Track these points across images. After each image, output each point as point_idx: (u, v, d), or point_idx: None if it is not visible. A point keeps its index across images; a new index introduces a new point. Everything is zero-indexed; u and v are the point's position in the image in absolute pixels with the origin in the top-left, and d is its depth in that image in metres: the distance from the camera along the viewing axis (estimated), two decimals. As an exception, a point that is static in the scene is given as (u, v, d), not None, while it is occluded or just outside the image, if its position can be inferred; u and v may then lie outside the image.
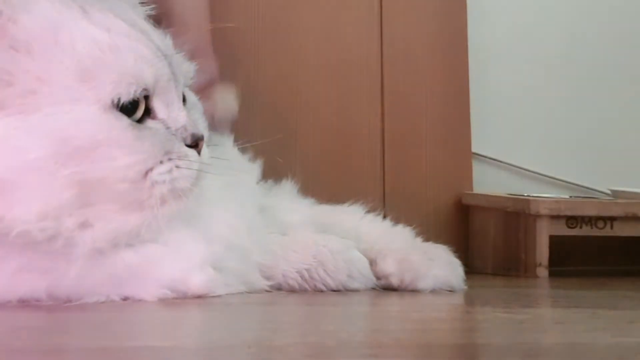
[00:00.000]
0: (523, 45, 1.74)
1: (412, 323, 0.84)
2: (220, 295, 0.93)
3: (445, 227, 1.58)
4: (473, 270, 1.49)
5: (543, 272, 1.46)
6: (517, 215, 1.50)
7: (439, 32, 1.62)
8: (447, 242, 1.18)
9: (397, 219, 1.22)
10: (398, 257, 1.10)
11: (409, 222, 1.20)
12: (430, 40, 1.62)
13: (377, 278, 1.09)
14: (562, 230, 1.48)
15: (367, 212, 1.22)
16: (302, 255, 1.04)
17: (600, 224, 1.50)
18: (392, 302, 1.02)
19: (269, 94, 1.51)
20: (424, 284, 1.09)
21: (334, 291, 1.04)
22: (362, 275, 1.06)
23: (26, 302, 0.83)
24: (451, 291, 1.10)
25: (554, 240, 1.47)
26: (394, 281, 1.10)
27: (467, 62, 1.64)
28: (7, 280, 0.83)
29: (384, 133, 1.58)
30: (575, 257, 1.63)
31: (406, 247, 1.13)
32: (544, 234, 1.47)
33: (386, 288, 1.10)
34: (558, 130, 1.75)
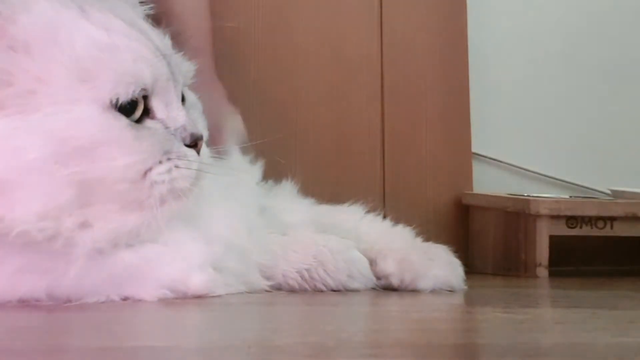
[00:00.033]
0: (523, 45, 1.74)
1: (412, 323, 0.84)
2: (220, 295, 0.93)
3: (445, 227, 1.58)
4: (473, 270, 1.49)
5: (543, 272, 1.46)
6: (517, 215, 1.50)
7: (439, 32, 1.62)
8: (447, 242, 1.18)
9: (397, 219, 1.22)
10: (398, 257, 1.10)
11: (409, 222, 1.20)
12: (430, 40, 1.62)
13: (377, 278, 1.09)
14: (562, 230, 1.48)
15: (367, 212, 1.22)
16: (302, 255, 1.04)
17: (600, 224, 1.50)
18: (392, 302, 1.02)
19: (268, 94, 1.51)
20: (424, 284, 1.09)
21: (334, 291, 1.04)
22: (362, 275, 1.06)
23: (26, 302, 0.83)
24: (451, 291, 1.10)
25: (554, 240, 1.47)
26: (394, 281, 1.10)
27: (467, 62, 1.64)
28: (7, 280, 0.83)
29: (384, 133, 1.58)
30: (575, 257, 1.63)
31: (406, 247, 1.13)
32: (544, 234, 1.47)
33: (386, 288, 1.10)
34: (558, 130, 1.75)
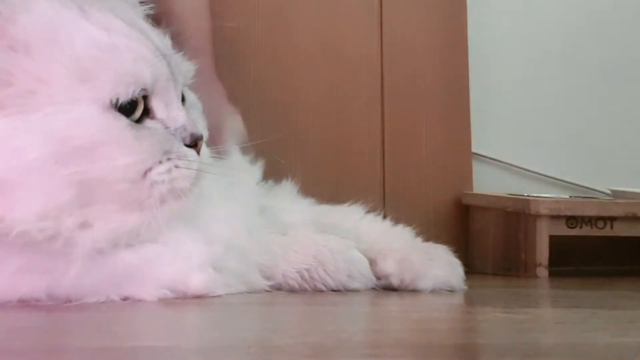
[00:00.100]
0: (523, 45, 1.74)
1: (412, 323, 0.84)
2: (220, 295, 0.93)
3: (445, 227, 1.58)
4: (473, 270, 1.49)
5: (543, 272, 1.46)
6: (517, 215, 1.50)
7: (439, 32, 1.62)
8: (447, 242, 1.18)
9: (397, 219, 1.21)
10: (398, 257, 1.10)
11: (409, 222, 1.20)
12: (430, 40, 1.62)
13: (377, 278, 1.09)
14: (562, 230, 1.48)
15: (367, 212, 1.22)
16: (302, 255, 1.04)
17: (600, 224, 1.50)
18: (392, 302, 1.02)
19: (268, 94, 1.51)
20: (424, 284, 1.09)
21: (334, 291, 1.04)
22: (362, 275, 1.06)
23: (26, 302, 0.83)
24: (451, 291, 1.10)
25: (554, 240, 1.47)
26: (394, 281, 1.10)
27: (467, 62, 1.64)
28: (7, 280, 0.83)
29: (384, 133, 1.58)
30: (575, 257, 1.63)
31: (406, 247, 1.13)
32: (544, 234, 1.47)
33: (386, 288, 1.10)
34: (558, 130, 1.75)
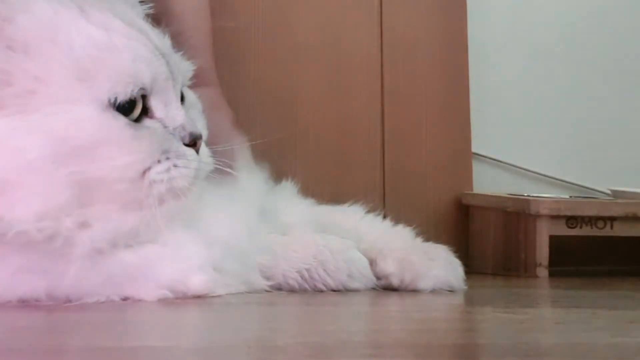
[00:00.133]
0: (523, 45, 1.74)
1: (412, 323, 0.84)
2: (220, 295, 0.93)
3: (445, 227, 1.58)
4: (473, 270, 1.49)
5: (543, 272, 1.46)
6: (517, 215, 1.50)
7: (439, 32, 1.62)
8: (447, 242, 1.18)
9: (397, 219, 1.21)
10: (398, 257, 1.10)
11: (409, 222, 1.20)
12: (430, 40, 1.62)
13: (377, 278, 1.09)
14: (562, 230, 1.48)
15: (367, 212, 1.22)
16: (302, 255, 1.04)
17: (600, 224, 1.50)
18: (392, 302, 1.02)
19: (268, 94, 1.51)
20: (424, 284, 1.09)
21: (334, 291, 1.04)
22: (362, 275, 1.06)
23: (26, 302, 0.83)
24: (451, 291, 1.10)
25: (554, 240, 1.47)
26: (394, 281, 1.09)
27: (467, 62, 1.64)
28: (7, 280, 0.83)
29: (384, 133, 1.58)
30: (575, 257, 1.63)
31: (406, 247, 1.13)
32: (544, 234, 1.47)
33: (386, 288, 1.09)
34: (558, 130, 1.75)
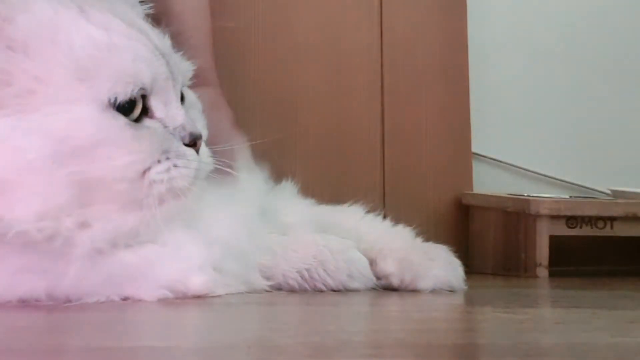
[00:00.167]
0: (523, 45, 1.74)
1: (412, 323, 0.84)
2: (220, 295, 0.93)
3: (445, 227, 1.58)
4: (473, 270, 1.49)
5: (543, 272, 1.46)
6: (517, 215, 1.50)
7: (439, 32, 1.62)
8: (447, 242, 1.18)
9: (397, 219, 1.21)
10: (398, 257, 1.10)
11: (409, 222, 1.20)
12: (430, 40, 1.62)
13: (378, 278, 1.09)
14: (562, 230, 1.48)
15: (367, 212, 1.22)
16: (302, 255, 1.04)
17: (600, 224, 1.50)
18: (392, 302, 1.02)
19: (268, 94, 1.51)
20: (424, 284, 1.09)
21: (334, 291, 1.04)
22: (362, 275, 1.06)
23: (26, 302, 0.83)
24: (451, 291, 1.10)
25: (554, 240, 1.47)
26: (394, 281, 1.09)
27: (467, 62, 1.64)
28: (7, 280, 0.83)
29: (384, 133, 1.58)
30: (575, 257, 1.63)
31: (406, 247, 1.13)
32: (544, 234, 1.47)
33: (386, 288, 1.09)
34: (558, 130, 1.75)
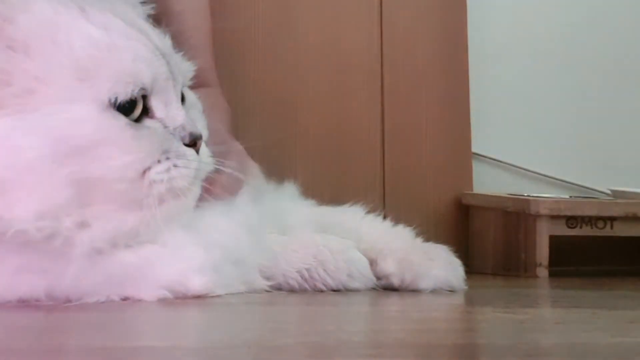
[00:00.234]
0: (523, 45, 1.74)
1: (412, 323, 0.84)
2: (220, 295, 0.93)
3: (445, 227, 1.58)
4: (473, 270, 1.49)
5: (543, 272, 1.46)
6: (517, 215, 1.50)
7: (439, 32, 1.62)
8: (447, 242, 1.18)
9: (397, 219, 1.21)
10: (398, 257, 1.10)
11: (409, 222, 1.20)
12: (430, 40, 1.62)
13: (378, 278, 1.09)
14: (562, 230, 1.48)
15: (367, 212, 1.22)
16: (302, 255, 1.04)
17: (600, 224, 1.50)
18: (392, 302, 1.02)
19: (268, 94, 1.51)
20: (424, 284, 1.09)
21: (334, 291, 1.04)
22: (362, 275, 1.06)
23: (26, 302, 0.83)
24: (451, 291, 1.10)
25: (554, 240, 1.47)
26: (395, 281, 1.09)
27: (467, 62, 1.64)
28: (7, 280, 0.83)
29: (384, 133, 1.58)
30: (575, 257, 1.63)
31: (406, 247, 1.13)
32: (544, 234, 1.47)
33: (386, 288, 1.09)
34: (558, 130, 1.75)
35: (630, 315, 0.96)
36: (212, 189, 0.94)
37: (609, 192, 1.67)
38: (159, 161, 0.87)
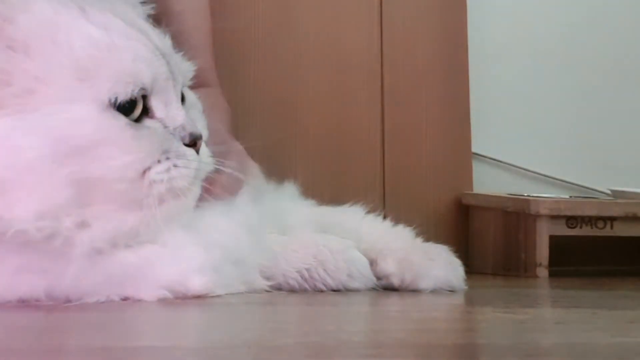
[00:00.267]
0: (523, 45, 1.74)
1: (412, 323, 0.84)
2: (220, 295, 0.93)
3: (445, 227, 1.58)
4: (473, 270, 1.49)
5: (543, 272, 1.46)
6: (517, 215, 1.50)
7: (439, 32, 1.62)
8: (447, 242, 1.18)
9: (397, 219, 1.21)
10: (398, 257, 1.10)
11: (409, 222, 1.20)
12: (430, 40, 1.62)
13: (378, 278, 1.09)
14: (562, 230, 1.48)
15: (367, 212, 1.22)
16: (302, 255, 1.04)
17: (600, 224, 1.50)
18: (392, 302, 1.02)
19: (268, 94, 1.51)
20: (424, 283, 1.09)
21: (334, 291, 1.04)
22: (362, 275, 1.06)
23: (26, 302, 0.83)
24: (451, 291, 1.10)
25: (554, 240, 1.47)
26: (395, 281, 1.09)
27: (467, 62, 1.64)
28: (7, 280, 0.83)
29: (384, 133, 1.58)
30: (575, 257, 1.63)
31: (406, 247, 1.13)
32: (544, 234, 1.47)
33: (386, 288, 1.09)
34: (558, 130, 1.75)
35: (630, 315, 0.96)
36: (212, 189, 0.94)
37: (609, 192, 1.67)
38: (159, 161, 0.87)
